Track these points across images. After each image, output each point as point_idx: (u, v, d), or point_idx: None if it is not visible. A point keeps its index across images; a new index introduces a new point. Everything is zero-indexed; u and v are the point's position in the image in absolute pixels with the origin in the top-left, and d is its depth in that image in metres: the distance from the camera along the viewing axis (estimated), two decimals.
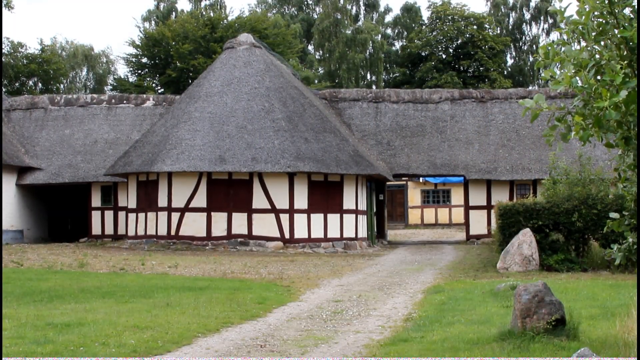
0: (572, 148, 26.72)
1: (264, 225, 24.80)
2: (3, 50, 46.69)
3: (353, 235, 26.01)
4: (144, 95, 33.95)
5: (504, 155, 29.33)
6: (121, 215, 29.64)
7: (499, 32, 59.56)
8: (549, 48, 6.06)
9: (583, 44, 6.02)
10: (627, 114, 5.67)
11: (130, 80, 49.77)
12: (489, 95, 31.75)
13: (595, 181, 19.40)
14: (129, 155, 26.35)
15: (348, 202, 25.95)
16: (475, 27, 54.54)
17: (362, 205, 27.01)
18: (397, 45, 65.63)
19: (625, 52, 5.82)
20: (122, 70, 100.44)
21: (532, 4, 62.53)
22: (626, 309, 9.89)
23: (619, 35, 5.80)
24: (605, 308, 10.92)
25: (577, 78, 5.90)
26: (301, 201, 25.03)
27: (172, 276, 16.72)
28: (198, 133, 25.47)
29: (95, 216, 30.24)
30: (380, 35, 61.92)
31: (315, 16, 62.30)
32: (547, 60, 6.08)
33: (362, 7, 64.50)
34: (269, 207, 24.79)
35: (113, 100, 32.57)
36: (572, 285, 14.06)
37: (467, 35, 54.49)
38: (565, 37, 6.24)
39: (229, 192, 25.02)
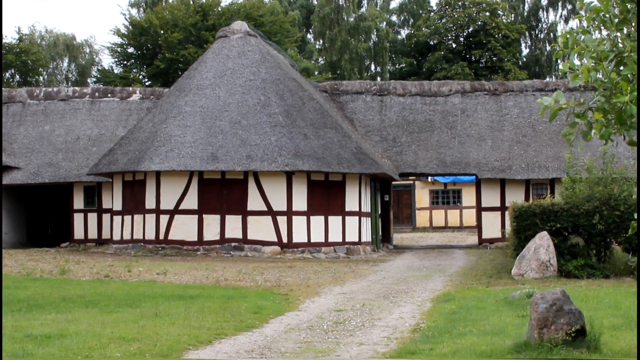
0: (593, 145, 26.72)
1: (260, 228, 24.80)
2: None
3: (356, 239, 26.01)
4: (130, 88, 33.94)
5: (519, 152, 29.33)
6: (105, 218, 29.64)
7: (513, 19, 59.56)
8: (568, 37, 6.05)
9: (604, 32, 6.01)
10: None
11: (116, 71, 49.79)
12: (502, 87, 31.74)
13: (618, 180, 19.38)
14: (114, 153, 26.36)
15: (351, 204, 25.95)
16: (487, 13, 54.56)
17: (366, 207, 27.00)
18: (404, 33, 65.65)
19: None
20: (106, 61, 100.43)
21: None
22: None
23: None
24: (629, 317, 10.92)
25: (597, 71, 5.89)
26: (300, 202, 25.03)
27: (160, 284, 16.72)
28: (188, 129, 25.47)
29: (78, 219, 30.24)
30: (385, 23, 61.91)
31: (315, 2, 62.29)
32: (566, 49, 6.07)
33: None
34: (265, 208, 24.79)
35: (97, 94, 32.57)
36: (593, 292, 14.06)
37: (479, 23, 54.49)
38: (585, 24, 6.24)
39: (222, 192, 25.01)
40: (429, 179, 43.18)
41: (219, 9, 47.44)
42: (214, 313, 12.35)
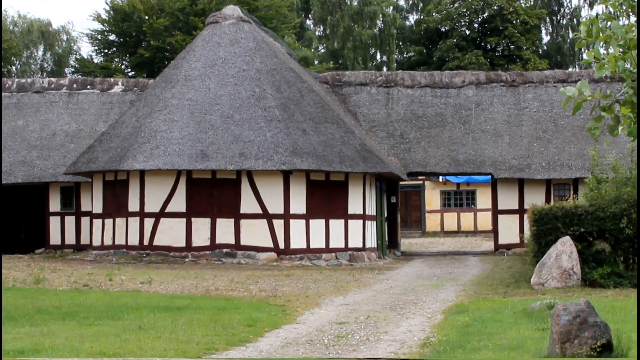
0: (620, 141, 26.71)
1: (255, 233, 24.80)
2: None
3: (360, 245, 26.01)
4: (112, 79, 33.93)
5: (539, 149, 29.34)
6: (84, 221, 29.63)
7: (532, 3, 59.56)
8: (592, 24, 6.05)
9: (633, 18, 6.00)
10: None
11: (95, 61, 49.79)
12: (521, 78, 31.74)
13: None
14: (94, 151, 26.36)
15: (354, 206, 25.95)
16: None
17: (371, 210, 27.01)
18: (412, 19, 65.65)
19: None
20: (85, 49, 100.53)
21: None
22: None
23: None
24: None
25: (625, 61, 5.88)
26: (298, 204, 25.03)
27: (145, 294, 16.72)
28: (175, 124, 25.48)
29: (54, 223, 30.23)
30: (392, 8, 61.93)
31: None
32: (590, 38, 6.07)
33: None
34: (260, 211, 24.79)
35: (75, 85, 32.57)
36: (621, 303, 14.06)
37: (495, 8, 54.48)
38: (611, 10, 6.23)
39: (213, 193, 25.01)
40: (440, 178, 43.15)
41: None
42: (204, 326, 12.35)
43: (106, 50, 49.26)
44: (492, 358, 9.60)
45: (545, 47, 61.59)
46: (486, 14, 55.04)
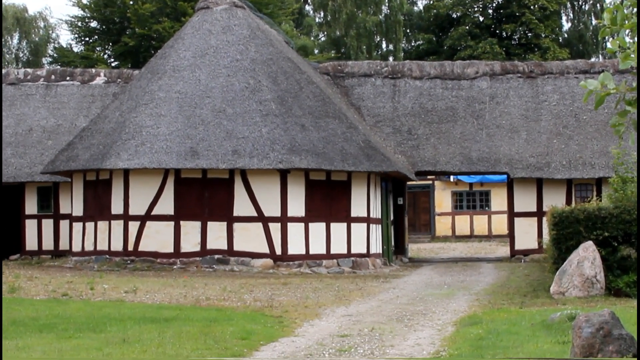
0: None
1: (249, 237, 24.81)
2: None
3: (364, 251, 26.02)
4: (93, 70, 33.93)
5: (559, 146, 29.35)
6: (64, 225, 29.64)
7: None
8: (616, 11, 6.05)
9: None
10: None
11: (75, 50, 49.79)
12: (539, 68, 31.75)
13: None
14: (74, 148, 26.38)
15: (357, 208, 25.96)
16: None
17: (376, 212, 27.02)
18: (421, 4, 65.71)
19: None
20: (64, 37, 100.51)
21: None
22: None
23: None
24: None
25: None
26: (297, 206, 25.04)
27: (129, 304, 16.73)
28: (163, 119, 25.49)
29: (30, 226, 30.24)
30: None
31: None
32: (614, 26, 6.08)
33: None
34: (255, 214, 24.80)
35: (53, 77, 32.59)
36: None
37: None
38: None
39: (204, 194, 25.02)
40: (451, 178, 43.13)
41: None
42: (194, 339, 12.36)
43: (87, 39, 49.26)
44: None
45: (565, 35, 61.61)
46: None
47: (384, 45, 62.58)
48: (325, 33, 61.34)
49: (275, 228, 24.84)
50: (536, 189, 29.14)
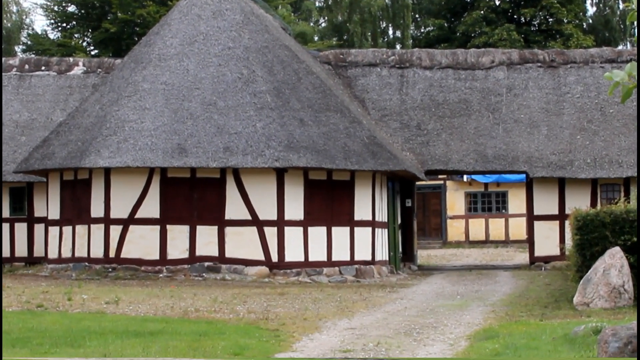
0: None
1: (242, 243, 24.79)
2: None
3: (369, 258, 26.01)
4: (71, 59, 33.91)
5: (584, 143, 29.32)
6: (38, 229, 29.61)
7: None
8: None
9: None
10: None
11: (52, 37, 49.78)
12: (561, 57, 31.73)
13: None
14: (50, 145, 26.36)
15: (361, 211, 25.94)
16: None
17: (382, 215, 27.00)
18: None
19: None
20: (39, 23, 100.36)
21: None
22: None
23: None
24: None
25: None
26: (295, 209, 25.02)
27: (110, 316, 16.71)
28: (148, 112, 25.47)
29: (2, 231, 30.19)
30: None
31: None
32: None
33: None
34: (249, 217, 24.79)
35: (27, 66, 32.57)
36: None
37: None
38: None
39: (192, 196, 25.00)
40: (465, 178, 43.12)
41: None
42: (181, 354, 12.34)
43: (64, 24, 49.23)
44: None
45: (590, 21, 61.59)
46: None
47: (390, 32, 62.60)
48: (326, 18, 61.35)
49: (271, 233, 24.81)
50: (558, 189, 29.10)
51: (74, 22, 48.99)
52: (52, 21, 49.65)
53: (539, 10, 54.45)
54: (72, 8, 48.70)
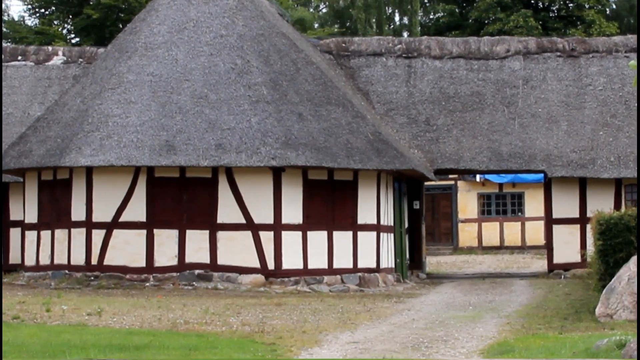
0: None
1: (236, 249, 24.80)
2: None
3: (373, 265, 26.02)
4: (50, 48, 33.91)
5: (607, 139, 29.32)
6: (14, 234, 29.61)
7: None
8: None
9: None
10: None
11: (29, 24, 49.78)
12: (583, 46, 31.73)
13: None
14: (27, 141, 26.36)
15: (365, 213, 25.96)
16: None
17: (387, 219, 27.01)
18: None
19: None
20: (15, 9, 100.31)
21: None
22: None
23: None
24: None
25: None
26: (293, 212, 25.03)
27: (93, 328, 16.71)
28: (133, 106, 25.47)
29: None
30: None
31: None
32: None
33: None
34: (243, 221, 24.79)
35: (2, 56, 32.54)
36: None
37: None
38: None
39: (182, 197, 25.01)
40: (478, 178, 43.12)
41: None
42: None
43: (42, 10, 49.25)
44: None
45: (613, 6, 61.56)
46: None
47: (397, 18, 62.58)
48: (327, 3, 61.35)
49: (267, 238, 24.81)
50: (579, 190, 29.11)
51: (53, 8, 49.03)
52: (30, 7, 49.67)
53: None
54: None
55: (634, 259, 17.61)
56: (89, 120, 25.37)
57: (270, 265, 24.81)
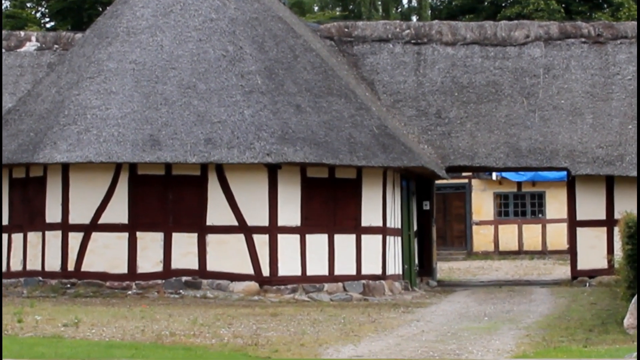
0: None
1: (227, 254, 24.79)
2: None
3: (378, 272, 26.01)
4: (22, 33, 33.89)
5: (636, 133, 29.27)
6: None
7: None
8: None
9: None
10: None
11: None
12: (610, 31, 31.71)
13: None
14: None
15: (370, 215, 25.94)
16: None
17: (394, 221, 27.00)
18: None
19: None
20: None
21: None
22: None
23: None
24: None
25: None
26: (290, 213, 25.02)
27: (69, 341, 16.69)
28: (114, 97, 25.45)
29: None
30: None
31: None
32: None
33: None
34: (235, 223, 24.79)
35: None
36: None
37: None
38: None
39: (167, 197, 25.00)
40: (494, 176, 43.12)
41: None
42: None
43: None
44: None
45: None
46: None
47: (405, 1, 62.60)
48: None
49: (261, 241, 24.80)
50: (605, 189, 29.08)
51: None
52: None
53: None
54: None
55: None
56: (65, 112, 25.35)
57: (265, 271, 24.80)
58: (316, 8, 56.63)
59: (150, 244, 24.94)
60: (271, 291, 24.71)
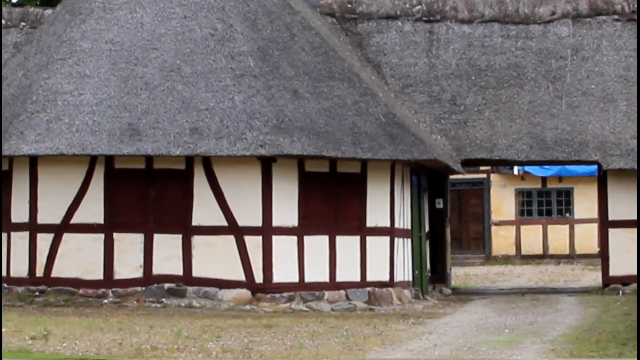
0: None
1: (215, 258, 24.83)
2: None
3: (385, 278, 26.05)
4: None
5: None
6: None
7: None
8: None
9: None
10: None
11: None
12: None
13: None
14: None
15: (376, 214, 25.98)
16: None
17: (403, 220, 27.04)
18: None
19: None
20: None
21: None
22: None
23: None
24: None
25: None
26: (286, 212, 25.07)
27: (37, 355, 16.73)
28: (88, 81, 25.48)
29: None
30: None
31: None
32: None
33: None
34: (225, 223, 24.82)
35: None
36: None
37: None
38: None
39: (148, 194, 25.03)
40: (516, 170, 43.16)
41: None
42: None
43: None
44: None
45: None
46: None
47: None
48: None
49: (254, 244, 24.85)
50: None
51: None
52: None
53: None
54: None
55: None
56: (33, 98, 25.38)
57: (258, 277, 24.83)
58: None
59: (128, 246, 24.98)
60: (265, 300, 24.75)
